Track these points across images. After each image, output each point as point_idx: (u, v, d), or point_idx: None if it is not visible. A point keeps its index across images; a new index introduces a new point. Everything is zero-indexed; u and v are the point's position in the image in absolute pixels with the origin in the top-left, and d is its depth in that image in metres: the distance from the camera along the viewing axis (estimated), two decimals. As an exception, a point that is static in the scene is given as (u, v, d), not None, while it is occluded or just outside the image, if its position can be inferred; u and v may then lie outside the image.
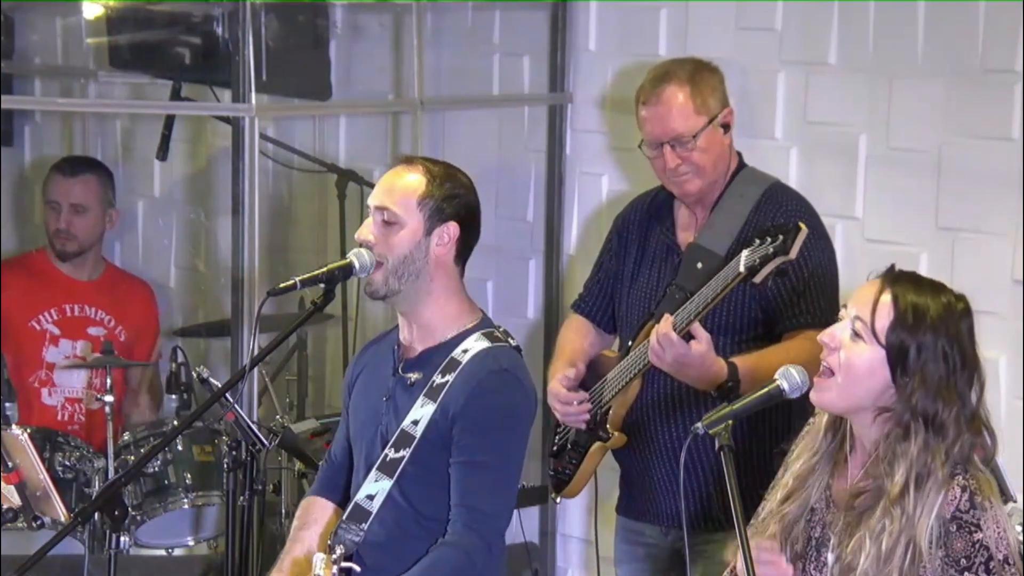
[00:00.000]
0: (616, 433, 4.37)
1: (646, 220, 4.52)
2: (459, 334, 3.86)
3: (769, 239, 3.96)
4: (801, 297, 4.21)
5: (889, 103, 4.96)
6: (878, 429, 3.26)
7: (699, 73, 4.34)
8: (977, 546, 3.16)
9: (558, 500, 4.61)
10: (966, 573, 3.16)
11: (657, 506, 4.40)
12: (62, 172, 6.15)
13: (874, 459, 3.26)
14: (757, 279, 3.98)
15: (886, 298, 3.24)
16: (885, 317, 3.23)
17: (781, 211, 4.28)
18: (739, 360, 4.12)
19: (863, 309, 3.25)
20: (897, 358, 3.21)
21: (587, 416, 4.40)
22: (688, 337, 4.05)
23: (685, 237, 4.40)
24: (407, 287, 3.84)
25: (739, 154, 4.44)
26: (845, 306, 3.33)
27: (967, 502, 3.18)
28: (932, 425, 3.19)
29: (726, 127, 4.34)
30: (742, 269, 3.99)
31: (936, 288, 3.26)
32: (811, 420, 3.47)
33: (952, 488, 3.18)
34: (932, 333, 3.20)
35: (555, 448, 4.58)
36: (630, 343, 4.36)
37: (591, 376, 4.49)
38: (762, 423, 4.18)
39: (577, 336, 4.62)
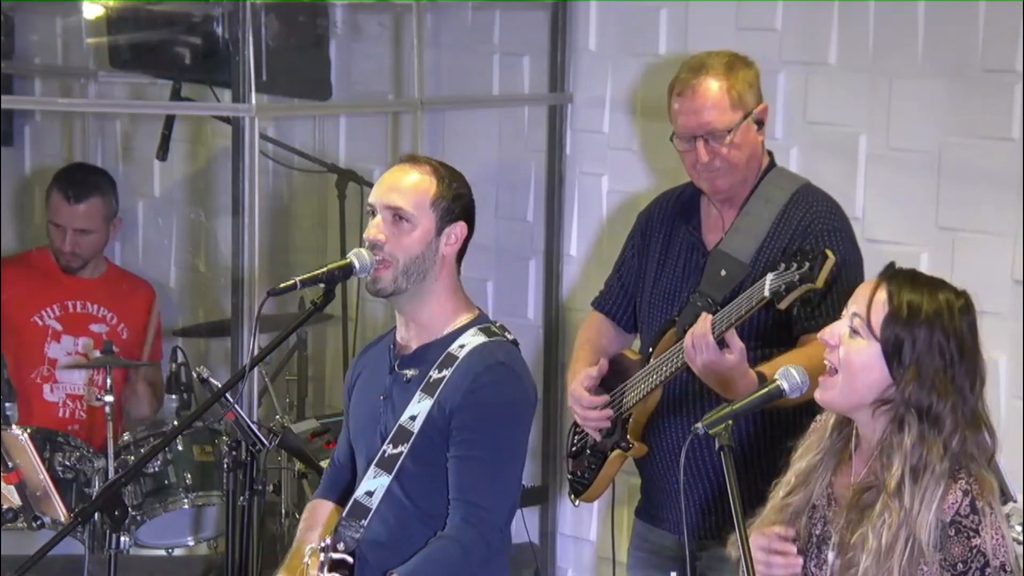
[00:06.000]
0: (636, 443, 4.33)
1: (671, 218, 4.42)
2: (455, 330, 3.86)
3: (795, 265, 3.87)
4: (823, 300, 4.10)
5: (889, 103, 4.96)
6: (879, 424, 3.28)
7: (735, 66, 4.22)
8: (975, 551, 3.17)
9: (577, 503, 4.58)
10: None
11: (677, 515, 4.30)
12: (66, 197, 6.10)
13: (876, 455, 3.28)
14: (781, 305, 3.91)
15: (882, 295, 3.28)
16: (881, 313, 3.26)
17: (809, 214, 4.20)
18: (766, 369, 4.01)
19: (860, 306, 3.30)
20: (892, 352, 3.24)
21: (607, 424, 4.35)
22: (721, 344, 3.98)
23: (711, 238, 4.31)
24: (413, 286, 3.84)
25: (770, 153, 4.35)
26: (846, 306, 3.35)
27: (968, 506, 3.19)
28: (927, 417, 3.21)
29: (760, 123, 4.24)
30: (767, 294, 3.91)
31: (935, 284, 3.29)
32: (818, 418, 3.48)
33: (954, 491, 3.20)
34: (926, 327, 3.22)
35: (574, 449, 4.54)
36: (651, 350, 4.31)
37: (611, 376, 4.43)
38: (776, 424, 4.16)
39: (597, 335, 4.55)
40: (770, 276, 3.92)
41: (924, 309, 3.23)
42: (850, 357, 3.28)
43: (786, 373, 3.39)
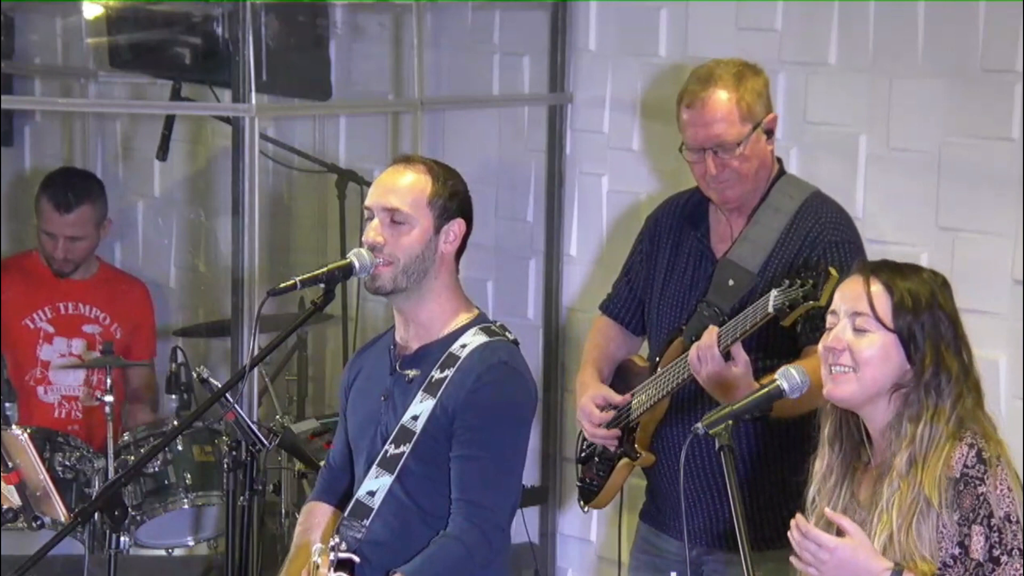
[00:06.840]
0: (644, 452, 4.32)
1: (679, 223, 4.39)
2: (456, 330, 3.86)
3: (799, 281, 3.87)
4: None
5: (889, 103, 4.96)
6: (892, 409, 3.34)
7: (744, 76, 4.18)
8: (981, 499, 3.23)
9: (586, 510, 4.59)
10: (973, 526, 3.23)
11: (682, 521, 4.24)
12: (56, 207, 6.10)
13: (887, 439, 3.34)
14: (785, 322, 3.91)
15: (877, 287, 3.34)
16: (885, 305, 3.32)
17: (817, 225, 4.19)
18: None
19: (858, 304, 3.34)
20: (908, 341, 3.31)
21: (614, 443, 4.35)
22: (727, 356, 3.99)
23: (720, 247, 4.30)
24: (413, 285, 3.84)
25: (780, 160, 4.33)
26: (833, 312, 3.37)
27: (974, 457, 3.25)
28: (937, 391, 3.30)
29: (769, 133, 4.21)
30: (771, 310, 3.91)
31: (914, 269, 3.40)
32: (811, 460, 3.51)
33: (960, 447, 3.26)
34: (929, 311, 3.32)
35: (582, 455, 4.53)
36: (658, 359, 4.31)
37: (618, 381, 4.44)
38: (790, 441, 4.14)
39: (605, 340, 4.54)
40: (774, 292, 3.92)
41: (922, 294, 3.33)
42: (866, 354, 3.32)
43: (786, 373, 3.41)
